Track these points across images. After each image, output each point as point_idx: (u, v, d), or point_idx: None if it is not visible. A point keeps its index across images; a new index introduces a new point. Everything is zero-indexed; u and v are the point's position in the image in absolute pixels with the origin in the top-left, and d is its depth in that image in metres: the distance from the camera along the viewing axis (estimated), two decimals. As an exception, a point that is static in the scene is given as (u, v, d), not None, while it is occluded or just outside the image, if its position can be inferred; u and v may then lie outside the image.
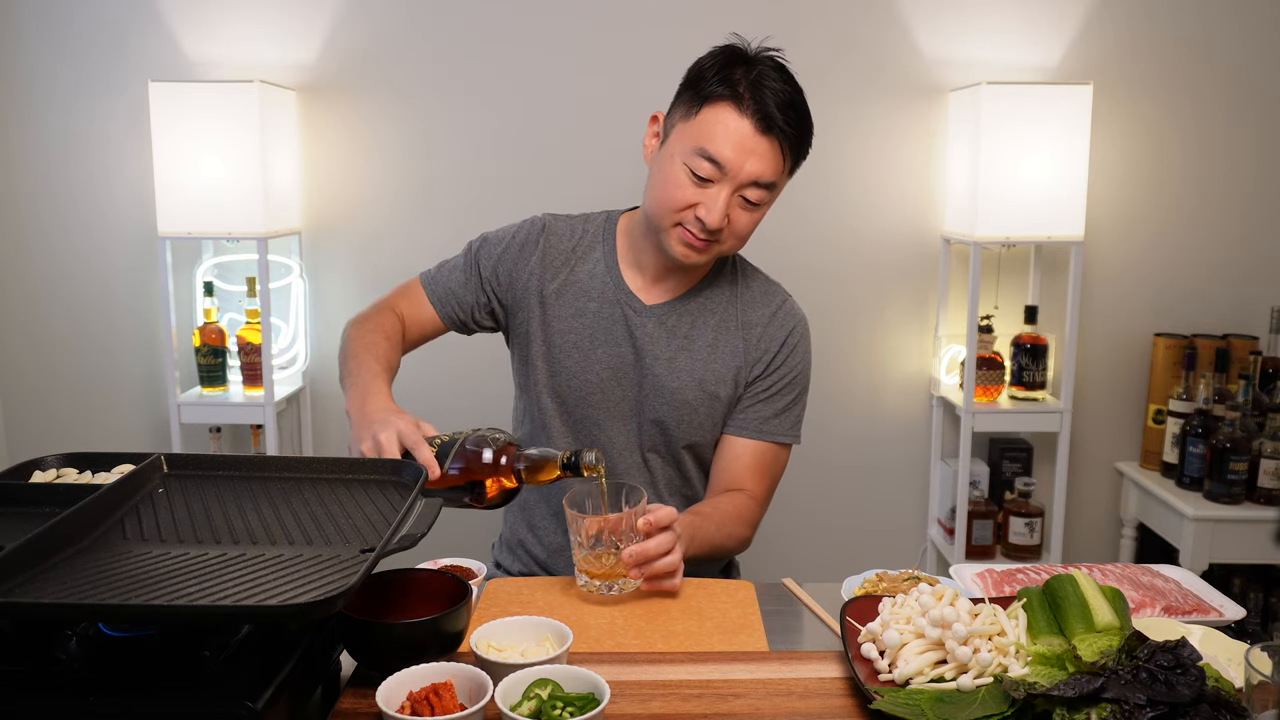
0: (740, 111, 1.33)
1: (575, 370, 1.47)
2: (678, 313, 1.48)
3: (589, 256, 1.51)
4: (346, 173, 2.50)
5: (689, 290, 1.50)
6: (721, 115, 1.33)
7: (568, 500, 1.20)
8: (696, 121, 1.35)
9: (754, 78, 1.34)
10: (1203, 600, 1.17)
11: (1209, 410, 2.32)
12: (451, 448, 1.18)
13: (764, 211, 1.41)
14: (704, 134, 1.34)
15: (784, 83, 1.36)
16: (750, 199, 1.36)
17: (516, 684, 0.90)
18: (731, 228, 1.38)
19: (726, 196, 1.35)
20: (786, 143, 1.36)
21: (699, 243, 1.38)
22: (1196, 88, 2.49)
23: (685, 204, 1.36)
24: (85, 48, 2.43)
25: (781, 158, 1.36)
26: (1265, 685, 0.80)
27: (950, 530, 2.48)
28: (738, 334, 1.49)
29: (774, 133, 1.33)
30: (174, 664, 0.86)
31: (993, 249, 2.46)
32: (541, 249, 1.50)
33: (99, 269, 2.52)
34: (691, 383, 1.46)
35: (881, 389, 2.59)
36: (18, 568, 0.88)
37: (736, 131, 1.33)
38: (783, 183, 1.41)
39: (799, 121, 1.36)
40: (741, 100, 1.33)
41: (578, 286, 1.49)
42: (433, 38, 2.45)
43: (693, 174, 1.35)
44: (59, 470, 1.21)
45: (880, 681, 0.97)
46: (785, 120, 1.34)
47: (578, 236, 1.53)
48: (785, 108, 1.34)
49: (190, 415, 2.35)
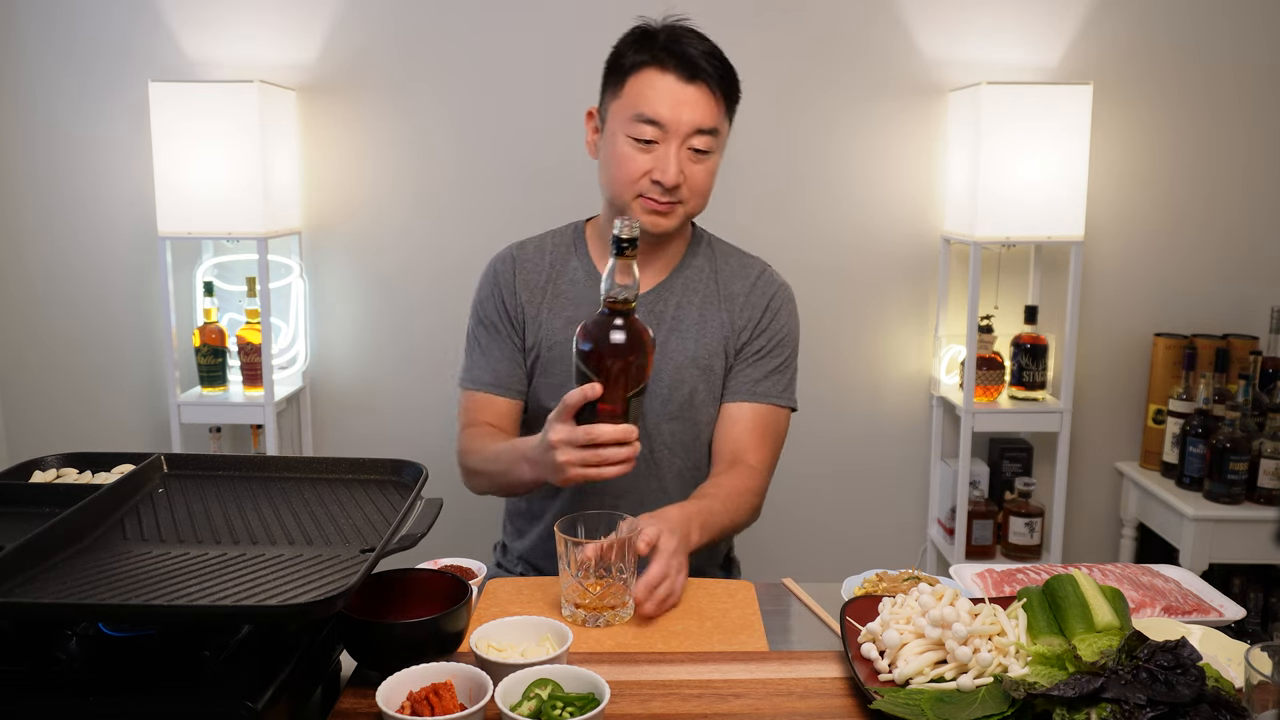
0: (663, 69, 1.39)
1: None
2: (662, 298, 1.51)
3: (567, 267, 1.53)
4: (346, 173, 2.50)
5: (670, 275, 1.52)
6: (647, 79, 1.40)
7: (559, 527, 1.17)
8: (626, 94, 1.41)
9: (666, 39, 1.41)
10: (1203, 600, 1.17)
11: (1209, 410, 2.32)
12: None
13: (715, 161, 1.45)
14: (636, 100, 1.39)
15: (697, 37, 1.43)
16: (698, 147, 1.40)
17: (516, 684, 0.90)
18: (689, 183, 1.42)
19: (675, 151, 1.39)
20: (715, 86, 1.41)
21: (663, 205, 1.41)
22: (1196, 88, 2.49)
23: (639, 173, 1.40)
24: (85, 48, 2.43)
25: (714, 101, 1.41)
26: (1265, 685, 0.80)
27: (950, 530, 2.48)
28: (722, 307, 1.51)
29: (700, 79, 1.39)
30: (174, 664, 0.86)
31: (993, 249, 2.46)
32: (519, 280, 1.53)
33: (99, 269, 2.52)
34: (686, 361, 1.49)
35: (881, 389, 2.59)
36: (18, 568, 0.88)
37: (665, 88, 1.39)
38: (725, 129, 1.45)
39: (721, 65, 1.42)
40: (661, 59, 1.39)
41: (564, 298, 1.51)
42: (432, 38, 2.45)
43: (637, 141, 1.40)
44: (59, 470, 1.21)
45: (880, 681, 0.97)
46: (708, 65, 1.40)
47: (549, 252, 1.55)
48: (705, 56, 1.40)
49: (190, 415, 2.35)
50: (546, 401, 1.51)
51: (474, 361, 1.55)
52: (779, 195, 2.52)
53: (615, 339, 1.18)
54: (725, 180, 2.49)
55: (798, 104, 2.48)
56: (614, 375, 1.19)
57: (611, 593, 1.14)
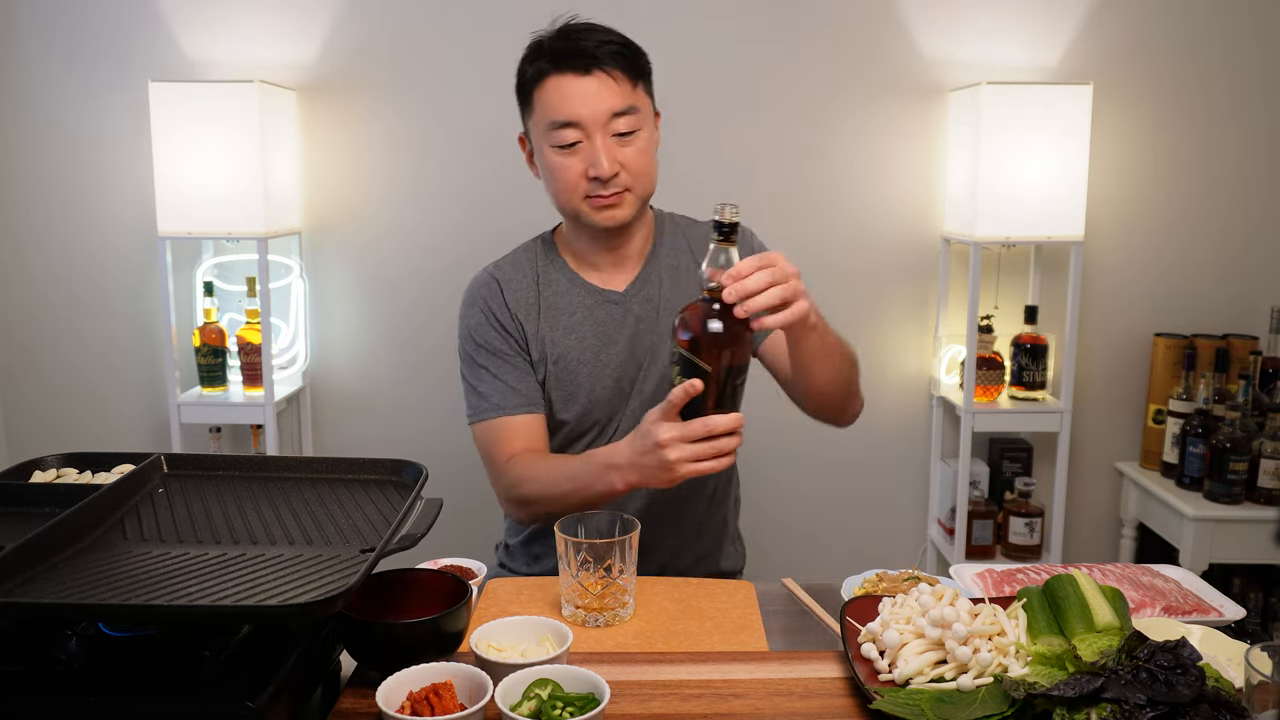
0: (559, 72, 1.40)
1: (587, 377, 1.49)
2: (650, 282, 1.52)
3: (549, 279, 1.53)
4: (346, 173, 2.50)
5: (646, 261, 1.53)
6: (549, 86, 1.41)
7: (559, 527, 1.16)
8: (536, 107, 1.43)
9: (552, 44, 1.41)
10: (1203, 600, 1.17)
11: (1209, 410, 2.32)
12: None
13: (646, 138, 1.44)
14: (546, 110, 1.41)
15: (586, 29, 1.42)
16: (620, 130, 1.40)
17: (516, 684, 0.90)
18: (627, 168, 1.41)
19: (601, 143, 1.39)
20: (614, 68, 1.40)
21: (610, 199, 1.42)
22: (1196, 88, 2.49)
23: (577, 176, 1.41)
24: (85, 48, 2.43)
25: (618, 82, 1.40)
26: (1265, 685, 0.80)
27: (950, 530, 2.48)
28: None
29: (595, 68, 1.39)
30: (174, 664, 0.86)
31: (993, 249, 2.46)
32: (509, 299, 1.51)
33: (99, 269, 2.52)
34: None
35: (881, 389, 2.59)
36: (18, 568, 0.88)
37: (567, 88, 1.39)
38: (644, 103, 1.44)
39: (615, 45, 1.42)
40: (555, 63, 1.40)
41: (556, 310, 1.51)
42: (432, 38, 2.45)
43: (562, 149, 1.41)
44: (59, 470, 1.21)
45: (880, 681, 0.97)
46: (600, 52, 1.39)
47: (526, 268, 1.54)
48: (595, 45, 1.40)
49: (190, 415, 2.35)
50: (561, 414, 1.51)
51: (491, 388, 1.48)
52: (779, 195, 2.52)
53: (718, 326, 1.15)
54: (725, 180, 2.51)
55: (797, 104, 2.48)
56: (720, 362, 1.16)
57: (611, 593, 1.14)
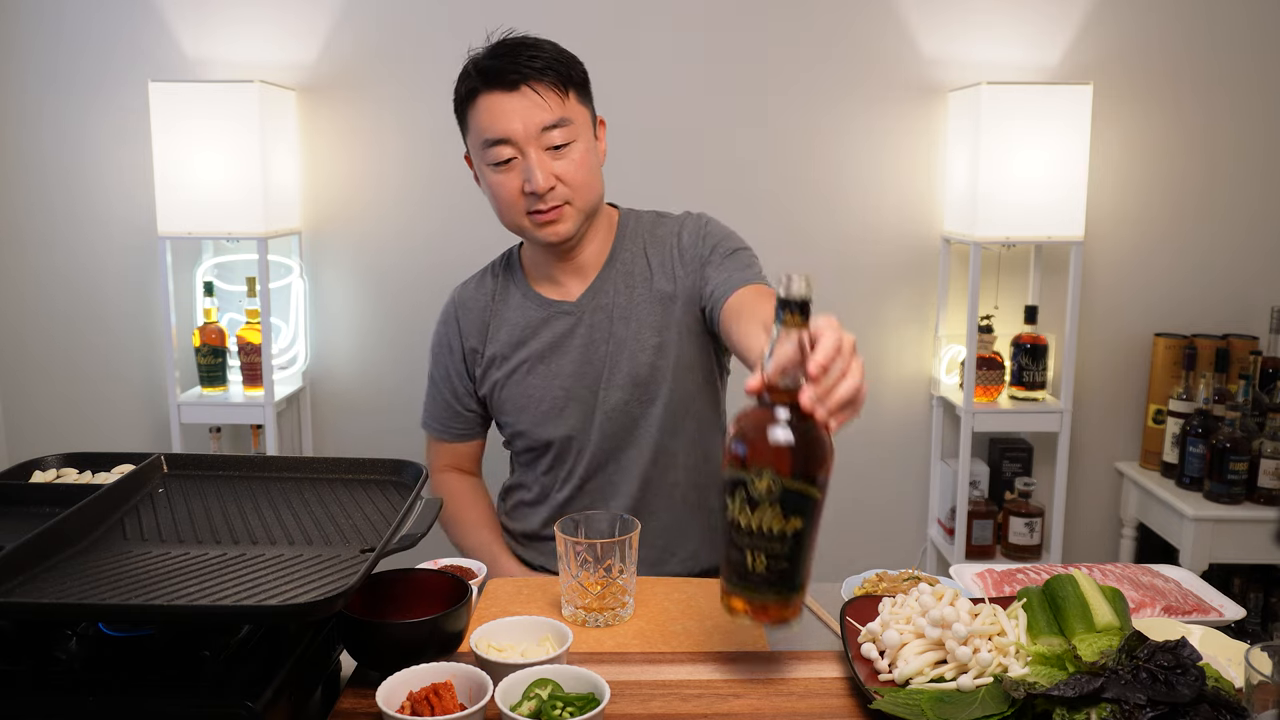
0: (488, 90, 1.38)
1: (537, 386, 1.50)
2: (604, 290, 1.49)
3: (508, 297, 1.55)
4: (346, 173, 2.50)
5: (604, 267, 1.51)
6: (480, 106, 1.39)
7: (559, 527, 1.16)
8: (471, 127, 1.42)
9: (480, 63, 1.40)
10: (1203, 600, 1.17)
11: (1209, 410, 2.32)
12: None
13: (583, 149, 1.41)
14: (479, 129, 1.40)
15: (516, 45, 1.40)
16: (555, 143, 1.38)
17: (516, 684, 0.90)
18: (565, 180, 1.39)
19: (535, 159, 1.37)
20: (542, 81, 1.38)
21: (550, 214, 1.40)
22: (1196, 88, 2.49)
23: (515, 193, 1.40)
24: (85, 47, 2.43)
25: (546, 96, 1.38)
26: (1265, 685, 0.80)
27: (950, 530, 2.48)
28: (661, 271, 1.48)
29: (521, 84, 1.37)
30: (174, 664, 0.86)
31: (993, 249, 2.46)
32: (461, 327, 1.56)
33: (99, 269, 2.52)
34: (644, 348, 1.46)
35: (881, 389, 2.59)
36: (18, 568, 0.88)
37: (495, 106, 1.37)
38: (579, 113, 1.42)
39: (543, 59, 1.39)
40: (484, 81, 1.38)
41: (511, 326, 1.53)
42: (432, 37, 2.45)
43: (498, 166, 1.39)
44: (59, 470, 1.21)
45: (880, 681, 0.97)
46: (527, 68, 1.37)
47: (488, 288, 1.57)
48: (522, 61, 1.37)
49: (190, 415, 2.35)
50: (516, 424, 1.53)
51: (430, 403, 1.62)
52: (779, 195, 2.52)
53: (780, 437, 0.87)
54: (725, 180, 2.51)
55: (797, 104, 2.48)
56: (827, 487, 0.90)
57: (611, 593, 1.14)
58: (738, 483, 0.89)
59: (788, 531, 0.88)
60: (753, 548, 0.89)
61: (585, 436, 1.49)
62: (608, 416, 1.48)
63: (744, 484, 0.88)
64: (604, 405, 1.48)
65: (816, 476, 0.88)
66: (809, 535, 0.90)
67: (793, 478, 0.87)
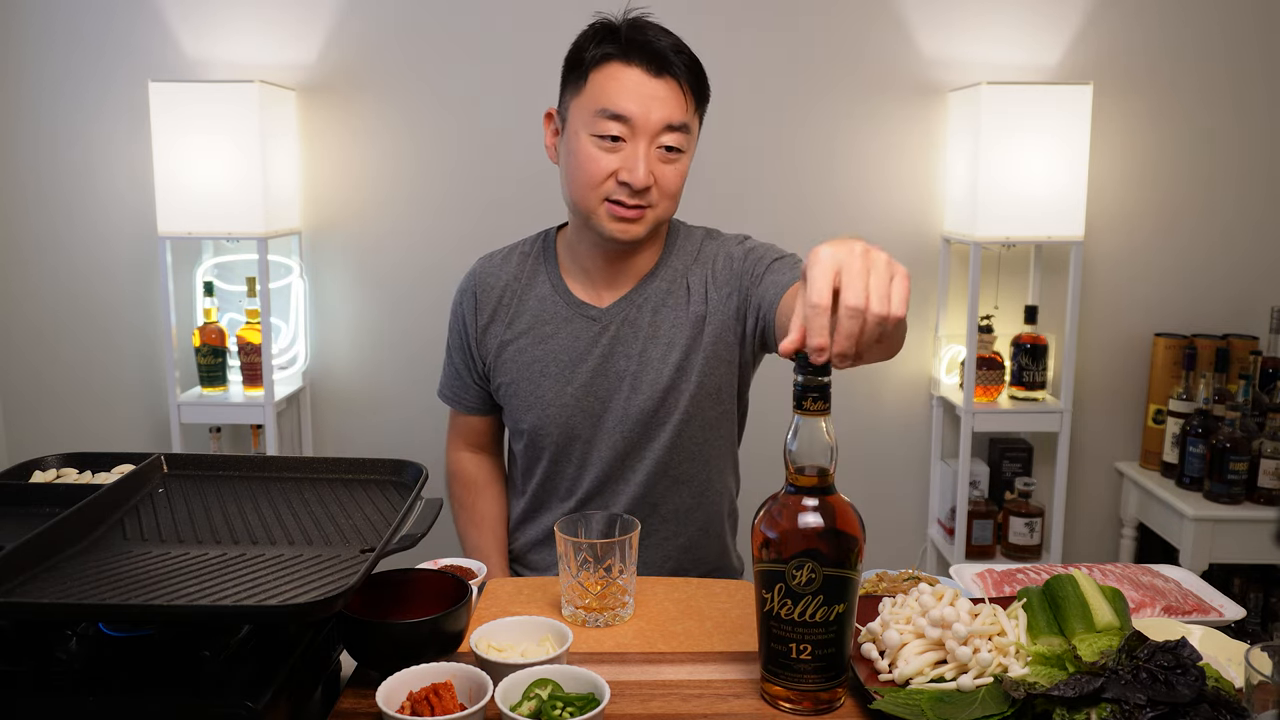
0: (628, 62, 1.31)
1: (549, 389, 1.44)
2: (636, 305, 1.43)
3: (535, 282, 1.48)
4: (346, 173, 2.50)
5: (643, 280, 1.44)
6: (611, 72, 1.31)
7: (559, 527, 1.15)
8: (588, 89, 1.33)
9: (630, 32, 1.33)
10: (1203, 600, 1.17)
11: (1209, 410, 2.32)
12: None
13: (686, 163, 1.36)
14: (600, 95, 1.31)
15: (663, 31, 1.35)
16: (669, 145, 1.32)
17: (516, 684, 0.90)
18: (660, 185, 1.33)
19: (644, 151, 1.31)
20: (684, 81, 1.33)
21: (631, 212, 1.33)
22: (1196, 87, 2.49)
23: (605, 173, 1.32)
24: (85, 47, 2.43)
25: (684, 96, 1.33)
26: (1265, 685, 0.80)
27: (950, 530, 2.48)
28: (698, 294, 1.42)
29: (668, 72, 1.32)
30: (174, 664, 0.86)
31: (993, 249, 2.46)
32: (478, 302, 1.49)
33: (99, 269, 2.52)
34: (667, 369, 1.41)
35: (881, 389, 2.59)
36: (18, 568, 0.88)
37: (631, 81, 1.31)
38: (695, 127, 1.38)
39: (690, 60, 1.35)
40: (626, 52, 1.31)
41: (531, 315, 1.46)
42: (432, 37, 2.45)
43: (602, 140, 1.31)
44: (59, 470, 1.21)
45: (880, 681, 0.97)
46: (677, 59, 1.33)
47: (514, 266, 1.50)
48: (672, 50, 1.33)
49: (190, 415, 2.35)
50: (520, 422, 1.47)
51: (446, 374, 1.58)
52: (779, 195, 2.52)
53: (814, 524, 0.89)
54: (725, 180, 2.51)
55: (798, 104, 2.48)
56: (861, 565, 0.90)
57: (611, 593, 1.14)
58: (776, 576, 0.89)
59: (831, 618, 0.89)
60: (797, 640, 0.90)
61: (588, 449, 1.45)
62: (615, 432, 1.43)
63: (782, 577, 0.89)
64: (613, 420, 1.43)
65: (854, 558, 0.89)
66: (852, 616, 0.91)
67: (833, 565, 0.88)
